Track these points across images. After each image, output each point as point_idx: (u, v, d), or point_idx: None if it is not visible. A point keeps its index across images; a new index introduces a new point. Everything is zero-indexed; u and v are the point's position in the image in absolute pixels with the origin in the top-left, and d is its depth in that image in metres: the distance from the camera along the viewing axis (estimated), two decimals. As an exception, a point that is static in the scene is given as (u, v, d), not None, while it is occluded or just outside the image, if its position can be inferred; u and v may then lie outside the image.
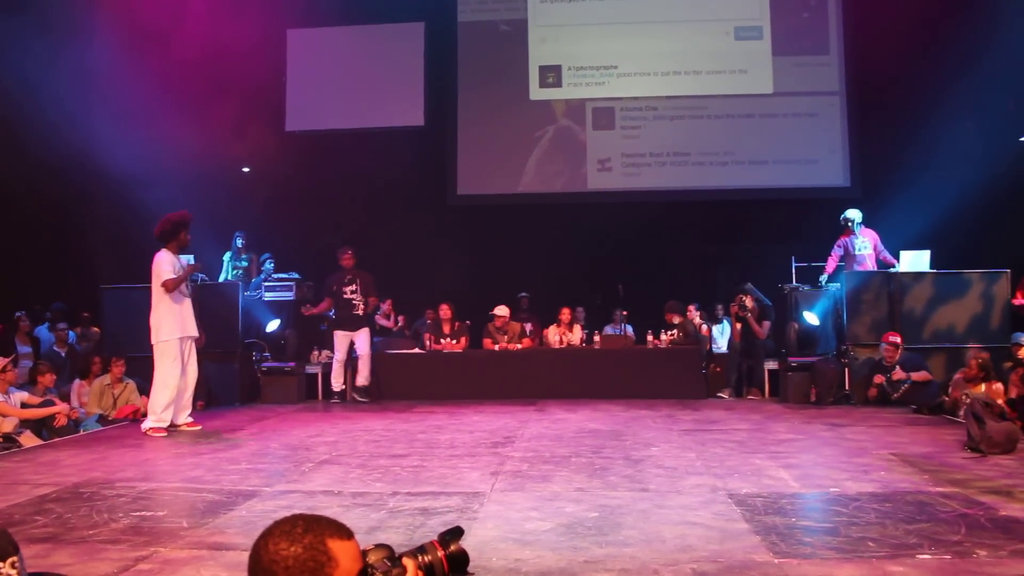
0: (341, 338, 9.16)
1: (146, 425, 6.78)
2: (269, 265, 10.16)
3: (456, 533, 1.60)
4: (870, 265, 9.02)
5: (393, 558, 1.50)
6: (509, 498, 4.28)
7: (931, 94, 10.49)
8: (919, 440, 5.96)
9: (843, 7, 11.72)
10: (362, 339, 9.17)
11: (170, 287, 6.86)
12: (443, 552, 1.56)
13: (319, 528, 1.43)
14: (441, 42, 12.23)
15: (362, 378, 9.16)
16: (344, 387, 9.22)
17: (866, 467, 4.96)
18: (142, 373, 8.52)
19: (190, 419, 7.07)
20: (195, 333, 7.12)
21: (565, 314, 9.92)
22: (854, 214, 9.12)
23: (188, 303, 7.04)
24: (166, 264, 6.89)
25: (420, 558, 1.54)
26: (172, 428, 6.86)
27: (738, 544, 3.38)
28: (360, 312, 9.20)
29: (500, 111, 12.18)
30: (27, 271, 10.63)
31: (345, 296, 9.17)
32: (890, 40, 10.76)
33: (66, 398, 7.79)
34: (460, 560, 1.58)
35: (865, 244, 9.08)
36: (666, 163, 11.95)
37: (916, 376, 7.92)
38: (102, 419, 7.62)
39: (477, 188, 12.11)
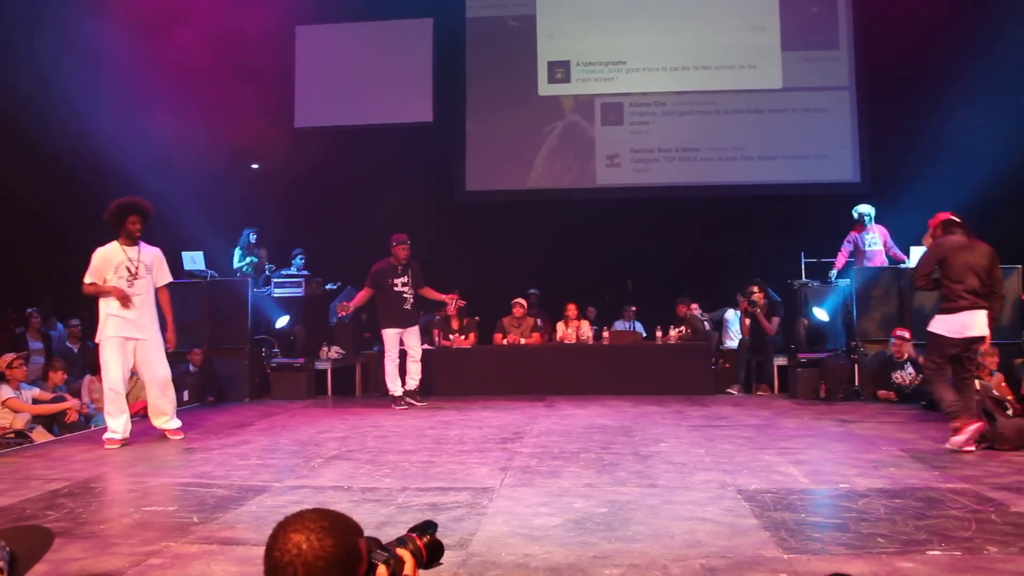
0: (391, 336, 8.19)
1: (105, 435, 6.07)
2: (299, 260, 10.16)
3: (429, 527, 1.67)
4: (880, 261, 8.99)
5: (386, 549, 1.55)
6: (518, 493, 4.29)
7: (941, 89, 10.42)
8: (929, 436, 5.92)
9: (852, 1, 11.66)
10: (414, 339, 8.33)
11: (85, 292, 6.12)
12: (422, 542, 1.63)
13: (351, 526, 1.44)
14: (449, 38, 12.23)
15: (414, 381, 8.33)
16: (404, 390, 8.27)
17: (876, 463, 4.95)
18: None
19: (171, 425, 6.30)
20: (140, 335, 6.09)
21: (571, 310, 9.94)
22: (867, 209, 9.07)
23: (137, 301, 6.05)
24: (92, 264, 6.05)
25: (406, 547, 1.60)
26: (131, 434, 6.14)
27: (747, 540, 3.38)
28: (410, 306, 8.28)
29: (508, 107, 12.18)
30: (34, 267, 10.70)
31: (396, 289, 8.16)
32: (900, 35, 10.69)
33: (77, 394, 7.84)
34: (437, 549, 1.66)
35: (875, 239, 9.04)
36: (675, 158, 11.92)
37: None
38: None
39: (486, 184, 12.11)
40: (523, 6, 12.21)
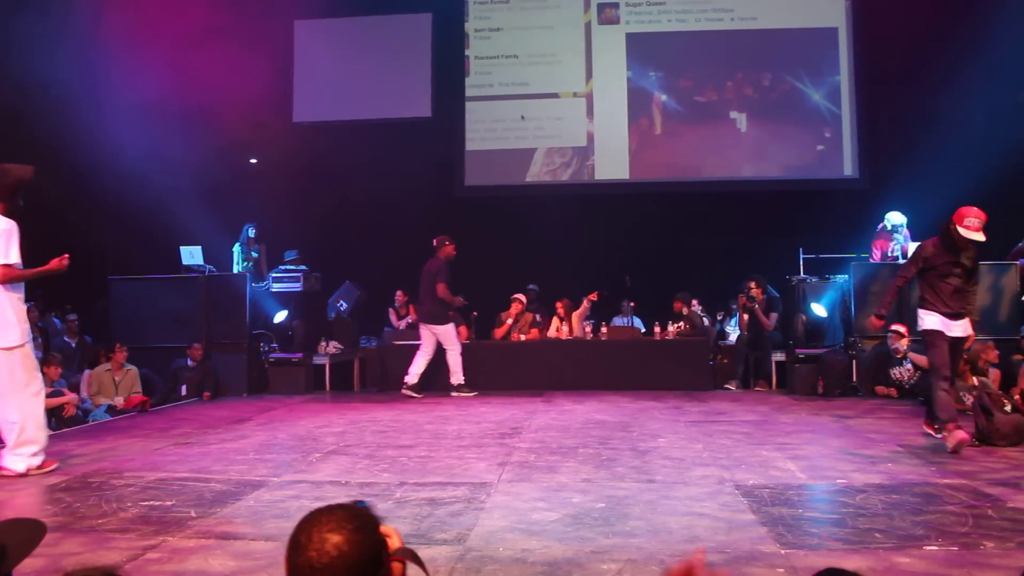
0: (434, 332, 8.72)
1: None
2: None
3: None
4: None
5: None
6: (516, 488, 4.29)
7: (941, 85, 10.41)
8: (926, 432, 5.94)
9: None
10: (443, 336, 8.74)
11: (12, 277, 4.90)
12: None
13: (375, 521, 1.47)
14: (448, 33, 12.19)
15: (457, 377, 8.71)
16: (404, 382, 8.63)
17: (873, 459, 4.96)
18: (149, 363, 8.60)
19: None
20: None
21: (560, 308, 9.92)
22: (900, 219, 8.76)
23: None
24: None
25: None
26: None
27: (745, 535, 3.39)
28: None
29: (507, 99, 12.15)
30: (29, 262, 10.65)
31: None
32: (900, 30, 10.68)
33: (76, 388, 7.84)
34: None
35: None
36: (675, 162, 11.90)
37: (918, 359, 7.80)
38: (111, 409, 7.67)
39: (485, 179, 12.08)
40: (522, 1, 12.20)
